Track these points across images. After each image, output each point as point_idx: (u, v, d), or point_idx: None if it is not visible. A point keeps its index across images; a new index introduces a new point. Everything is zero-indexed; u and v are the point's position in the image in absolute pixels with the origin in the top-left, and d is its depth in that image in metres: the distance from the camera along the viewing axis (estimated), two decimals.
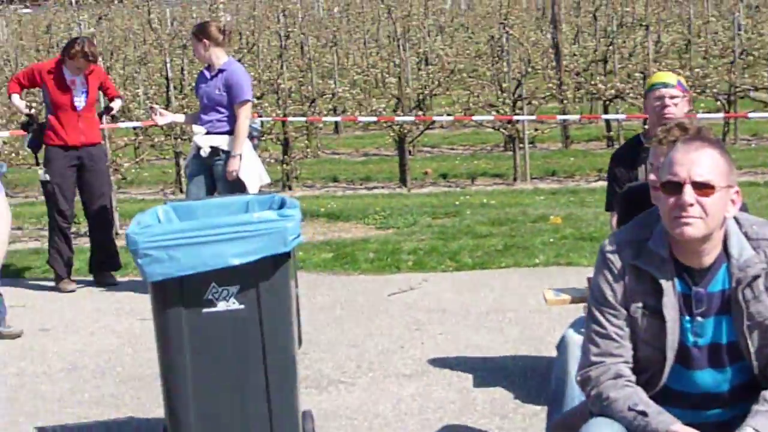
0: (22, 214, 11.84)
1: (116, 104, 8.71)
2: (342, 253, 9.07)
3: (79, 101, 8.28)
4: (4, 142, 12.64)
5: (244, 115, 7.69)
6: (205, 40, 7.71)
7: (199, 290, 4.50)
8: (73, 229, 9.47)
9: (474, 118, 12.95)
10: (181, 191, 12.36)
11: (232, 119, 7.69)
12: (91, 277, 8.66)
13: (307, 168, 13.63)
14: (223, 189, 7.73)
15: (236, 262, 4.44)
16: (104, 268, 8.55)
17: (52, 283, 8.55)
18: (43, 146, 8.44)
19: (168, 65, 13.90)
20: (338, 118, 14.73)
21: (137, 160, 12.69)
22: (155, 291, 4.52)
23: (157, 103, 14.09)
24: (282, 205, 4.87)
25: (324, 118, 13.93)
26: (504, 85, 13.19)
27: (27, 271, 9.15)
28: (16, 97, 8.41)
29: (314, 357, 6.36)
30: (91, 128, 8.40)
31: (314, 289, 7.94)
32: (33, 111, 8.35)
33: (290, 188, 12.67)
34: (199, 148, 7.75)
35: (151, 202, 12.36)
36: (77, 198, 8.57)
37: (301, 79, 14.67)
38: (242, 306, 4.52)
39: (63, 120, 8.25)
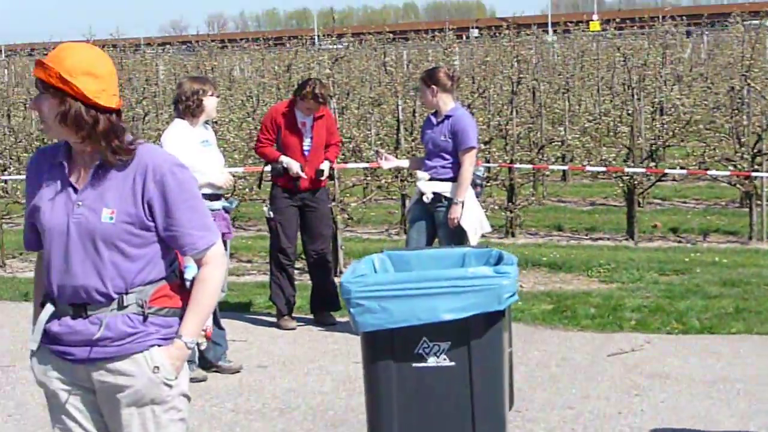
0: (252, 247, 12.18)
1: (325, 166, 8.46)
2: (562, 306, 8.83)
3: (307, 144, 8.42)
4: (240, 177, 13.06)
5: (469, 162, 7.62)
6: (433, 86, 7.70)
7: (410, 344, 4.44)
8: (299, 265, 9.64)
9: (709, 172, 12.43)
10: (405, 232, 12.41)
11: (456, 166, 7.64)
12: (311, 316, 8.77)
13: (531, 215, 13.43)
14: (444, 236, 7.67)
15: (449, 317, 4.35)
16: (323, 307, 8.64)
17: (273, 319, 8.71)
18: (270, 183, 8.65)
19: (400, 107, 14.05)
20: (565, 167, 14.46)
21: (364, 200, 12.85)
22: (366, 341, 4.49)
23: (386, 145, 14.28)
24: (499, 260, 4.74)
25: (551, 167, 13.71)
26: (743, 138, 12.61)
27: (251, 305, 9.36)
28: (286, 159, 8.29)
29: (527, 416, 6.16)
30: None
31: (530, 343, 7.75)
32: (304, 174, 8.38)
33: (513, 235, 12.50)
34: (422, 194, 7.73)
35: (376, 241, 12.48)
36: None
37: (530, 125, 14.51)
38: (453, 363, 4.43)
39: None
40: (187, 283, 3.52)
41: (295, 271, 9.07)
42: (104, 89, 3.34)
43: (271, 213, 8.48)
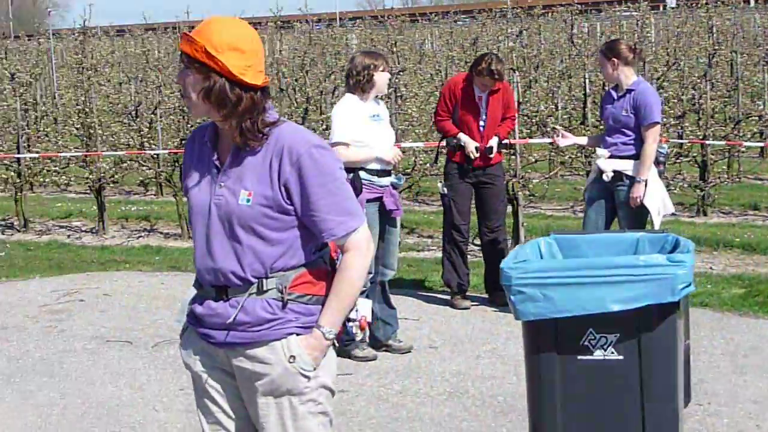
0: (434, 222, 12.02)
1: (493, 142, 8.22)
2: (754, 291, 8.32)
3: (482, 121, 8.19)
4: (422, 152, 12.92)
5: (652, 138, 7.23)
6: (614, 59, 7.33)
7: (575, 335, 4.18)
8: (477, 241, 9.43)
9: None
10: None
11: (638, 142, 7.25)
12: (486, 295, 8.56)
13: (725, 193, 12.77)
14: (624, 216, 7.31)
15: (617, 308, 4.07)
16: (498, 287, 8.37)
17: (448, 297, 8.53)
18: (445, 159, 8.48)
19: (587, 81, 13.59)
20: (762, 144, 13.68)
21: (548, 176, 12.51)
22: (527, 331, 4.27)
23: (573, 120, 13.85)
24: (675, 247, 4.41)
25: (746, 143, 12.97)
26: None
27: (426, 281, 9.21)
28: (464, 138, 8.14)
29: (709, 410, 5.79)
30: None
31: (716, 330, 7.31)
32: (478, 154, 8.22)
33: (705, 214, 11.92)
34: (601, 172, 7.38)
35: (560, 218, 12.16)
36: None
37: (726, 99, 13.80)
38: (621, 357, 4.14)
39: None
40: None
41: (474, 248, 8.85)
42: (250, 65, 3.21)
43: (445, 189, 8.31)
